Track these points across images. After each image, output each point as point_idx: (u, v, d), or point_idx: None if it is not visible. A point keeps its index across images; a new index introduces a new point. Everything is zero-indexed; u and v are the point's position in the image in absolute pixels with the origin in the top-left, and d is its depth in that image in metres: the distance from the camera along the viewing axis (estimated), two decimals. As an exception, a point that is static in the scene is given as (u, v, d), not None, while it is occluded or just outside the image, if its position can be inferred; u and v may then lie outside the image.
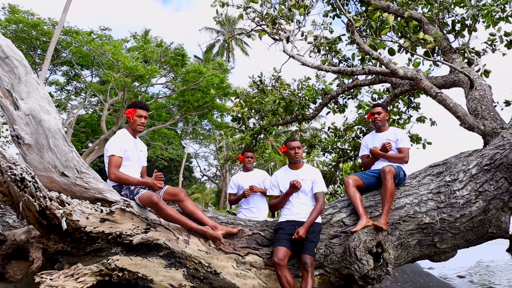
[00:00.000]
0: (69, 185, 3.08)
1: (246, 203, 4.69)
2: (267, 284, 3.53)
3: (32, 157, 2.91)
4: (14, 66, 2.89)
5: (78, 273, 2.91)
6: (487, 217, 3.78)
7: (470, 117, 4.68)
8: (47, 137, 2.92)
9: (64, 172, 3.03)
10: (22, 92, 2.87)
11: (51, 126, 2.94)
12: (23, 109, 2.84)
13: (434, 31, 6.84)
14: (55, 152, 2.97)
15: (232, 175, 38.24)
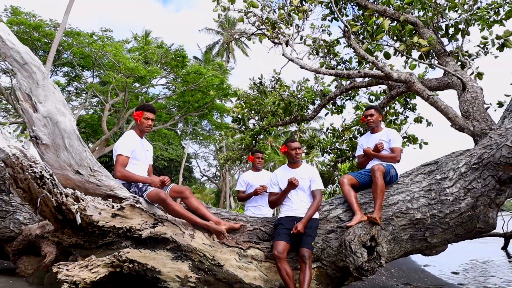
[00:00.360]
0: (83, 183, 3.30)
1: (254, 201, 4.91)
2: (268, 276, 3.75)
3: (49, 156, 3.13)
4: (33, 72, 3.11)
5: (92, 264, 3.13)
6: (475, 213, 4.00)
7: (460, 119, 4.91)
8: (63, 138, 3.14)
9: (78, 170, 3.25)
10: (40, 95, 3.09)
11: (67, 127, 3.16)
12: (41, 112, 3.06)
13: (429, 34, 7.07)
14: (70, 151, 3.19)
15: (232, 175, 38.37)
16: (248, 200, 5.03)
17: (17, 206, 5.42)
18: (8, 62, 3.14)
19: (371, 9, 7.84)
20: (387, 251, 3.83)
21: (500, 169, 3.86)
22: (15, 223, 5.29)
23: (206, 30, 45.21)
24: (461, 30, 7.00)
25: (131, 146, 3.78)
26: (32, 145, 3.05)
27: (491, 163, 3.93)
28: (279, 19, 6.77)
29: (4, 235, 5.31)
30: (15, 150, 2.70)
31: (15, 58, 3.10)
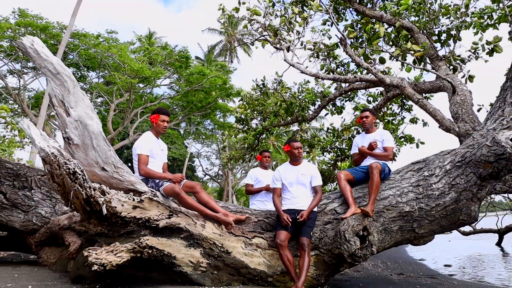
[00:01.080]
0: (108, 178, 3.74)
1: (260, 196, 5.33)
2: (271, 262, 4.18)
3: (79, 155, 3.56)
4: (64, 81, 3.54)
5: (117, 249, 3.55)
6: (459, 206, 4.42)
7: (447, 120, 5.32)
8: (91, 139, 3.58)
9: (104, 167, 3.68)
10: (71, 101, 3.52)
11: (94, 130, 3.60)
12: (73, 116, 3.49)
13: (423, 39, 7.48)
14: (97, 150, 3.62)
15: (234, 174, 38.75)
16: (255, 195, 5.45)
17: (39, 201, 5.88)
18: (43, 72, 3.57)
19: (367, 18, 8.27)
20: (378, 240, 4.26)
21: (481, 167, 4.27)
22: (37, 216, 5.75)
23: (209, 30, 45.60)
24: (453, 36, 7.40)
25: (149, 145, 4.21)
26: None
27: (472, 161, 4.35)
28: (281, 26, 7.18)
29: (28, 228, 5.78)
30: (53, 149, 3.13)
31: (49, 69, 3.54)
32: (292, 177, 4.49)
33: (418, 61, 7.49)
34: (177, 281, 4.00)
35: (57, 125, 25.83)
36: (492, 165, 4.17)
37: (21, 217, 5.76)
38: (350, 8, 9.11)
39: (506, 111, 4.78)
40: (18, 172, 5.92)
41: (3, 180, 5.84)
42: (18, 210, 5.79)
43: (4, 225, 5.90)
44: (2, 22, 19.70)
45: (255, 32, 7.50)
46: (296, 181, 4.45)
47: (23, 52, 3.57)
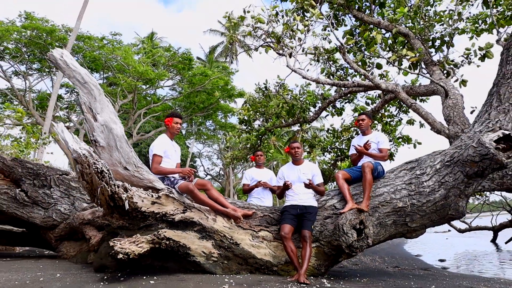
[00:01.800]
0: (129, 177, 4.14)
1: (257, 194, 5.72)
2: (275, 253, 4.59)
3: (104, 155, 3.97)
4: (91, 89, 3.96)
5: (138, 240, 3.96)
6: (447, 202, 4.82)
7: (438, 123, 5.73)
8: (115, 141, 3.99)
9: (126, 166, 4.09)
10: (97, 108, 3.93)
11: (118, 133, 4.01)
12: (99, 121, 3.90)
13: (419, 45, 7.88)
14: (121, 152, 4.03)
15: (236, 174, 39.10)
16: (251, 193, 5.82)
17: (58, 199, 6.30)
18: (72, 81, 3.97)
19: (367, 21, 8.67)
20: (373, 233, 4.67)
21: (467, 166, 4.67)
22: (57, 213, 6.16)
23: (210, 31, 46.01)
24: (446, 42, 7.80)
25: (164, 147, 4.62)
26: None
27: (460, 161, 4.75)
28: (283, 33, 7.59)
29: (48, 223, 6.20)
30: (85, 151, 3.54)
31: (77, 78, 3.95)
32: (293, 175, 4.91)
33: (414, 66, 7.91)
34: (191, 270, 4.40)
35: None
36: (477, 164, 4.57)
37: (41, 213, 6.17)
38: (349, 14, 9.52)
39: (492, 114, 5.19)
40: (38, 171, 6.33)
41: (24, 179, 6.25)
42: (39, 207, 6.21)
43: (25, 221, 6.32)
44: (9, 25, 20.12)
45: (259, 38, 7.90)
46: (297, 180, 4.87)
47: (53, 63, 3.98)
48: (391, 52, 8.39)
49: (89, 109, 3.87)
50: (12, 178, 6.30)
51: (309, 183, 4.59)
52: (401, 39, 8.42)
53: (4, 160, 6.26)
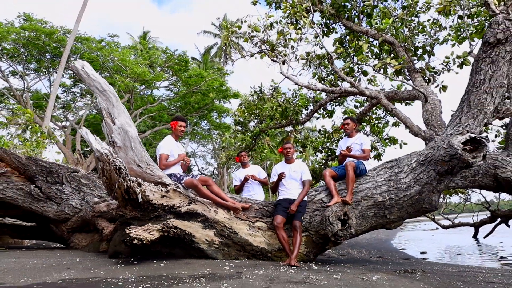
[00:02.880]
0: (142, 173, 4.71)
1: (247, 191, 6.27)
2: (270, 241, 5.19)
3: (121, 154, 4.53)
4: (109, 96, 4.52)
5: (150, 229, 4.53)
6: (422, 197, 5.45)
7: (415, 127, 6.37)
8: (130, 142, 4.55)
9: (139, 164, 4.66)
10: (115, 113, 4.49)
11: (133, 135, 4.58)
12: (117, 124, 4.47)
13: (403, 53, 8.53)
14: (135, 151, 4.60)
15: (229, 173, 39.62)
16: (243, 191, 6.35)
17: (69, 194, 6.85)
18: (92, 89, 4.53)
19: (355, 30, 9.31)
20: (356, 224, 5.28)
21: (439, 165, 5.30)
22: (69, 207, 6.71)
23: (204, 32, 46.51)
24: (428, 51, 8.46)
25: (169, 147, 5.21)
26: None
27: (433, 160, 5.38)
28: (277, 42, 8.19)
29: (60, 217, 6.75)
30: (106, 151, 4.11)
31: (97, 87, 4.51)
32: (285, 173, 5.52)
33: (397, 73, 8.56)
34: (195, 256, 4.98)
35: (58, 125, 26.65)
36: (447, 163, 5.20)
37: (54, 207, 6.72)
38: (339, 23, 10.15)
39: (462, 119, 5.83)
40: (51, 169, 6.87)
41: (38, 176, 6.80)
42: (52, 202, 6.75)
43: (39, 214, 6.86)
44: (8, 26, 20.49)
45: (254, 45, 8.49)
46: (289, 176, 5.49)
47: (76, 73, 4.54)
48: (377, 60, 9.03)
49: (108, 114, 4.44)
50: (27, 175, 6.84)
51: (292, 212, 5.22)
52: (386, 48, 9.06)
53: (20, 158, 6.80)
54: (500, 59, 5.73)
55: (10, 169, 6.83)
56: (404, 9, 8.94)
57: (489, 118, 5.92)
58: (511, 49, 5.73)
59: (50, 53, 22.68)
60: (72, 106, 28.23)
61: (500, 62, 5.75)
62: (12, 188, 6.65)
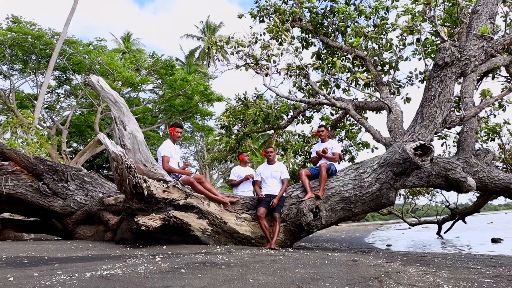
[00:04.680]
0: (147, 171, 5.59)
1: (243, 188, 7.23)
2: (253, 230, 6.14)
3: (130, 156, 5.40)
4: (120, 107, 5.39)
5: (154, 218, 5.40)
6: (381, 193, 6.50)
7: (377, 134, 7.44)
8: (138, 145, 5.43)
9: (145, 164, 5.54)
10: (125, 121, 5.36)
11: (140, 139, 5.45)
12: (127, 130, 5.34)
13: (372, 68, 9.64)
14: (142, 153, 5.48)
15: (211, 175, 40.31)
16: (238, 187, 7.31)
17: (74, 191, 7.63)
18: (106, 101, 5.39)
19: (331, 45, 10.38)
20: (326, 216, 6.29)
21: (395, 166, 6.36)
22: (74, 202, 7.49)
23: (187, 36, 47.24)
24: (393, 67, 9.60)
25: (169, 149, 6.11)
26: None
27: (390, 163, 6.44)
28: (261, 56, 9.18)
29: (66, 211, 7.52)
30: (120, 152, 4.97)
31: (110, 99, 5.37)
32: (267, 173, 6.50)
33: (367, 85, 9.67)
34: (190, 242, 5.88)
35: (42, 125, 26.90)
36: (401, 165, 6.26)
37: (60, 202, 7.49)
38: (317, 38, 11.21)
39: (416, 128, 6.93)
40: (56, 168, 7.64)
41: (45, 175, 7.56)
42: (58, 198, 7.52)
43: (43, 209, 7.61)
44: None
45: (240, 59, 9.45)
46: (270, 176, 6.46)
47: (92, 87, 5.39)
48: (349, 73, 10.12)
49: (120, 121, 5.31)
50: (35, 173, 7.59)
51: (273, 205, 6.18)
52: (358, 63, 10.17)
53: (29, 158, 7.55)
54: (447, 78, 6.85)
55: (19, 167, 7.56)
56: (375, 27, 10.07)
57: (438, 128, 7.04)
58: (456, 71, 6.86)
59: (37, 54, 23.03)
60: (57, 107, 28.58)
61: (448, 81, 6.87)
62: (22, 185, 7.39)
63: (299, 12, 10.47)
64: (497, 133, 10.90)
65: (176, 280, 2.36)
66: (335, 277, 2.47)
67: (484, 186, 8.28)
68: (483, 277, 2.56)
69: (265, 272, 2.69)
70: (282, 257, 4.21)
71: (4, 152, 7.54)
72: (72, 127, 29.78)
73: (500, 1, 7.50)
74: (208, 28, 48.57)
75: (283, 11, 10.75)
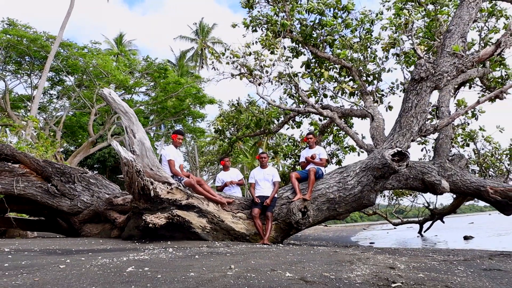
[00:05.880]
0: (153, 175, 6.23)
1: (228, 190, 7.88)
2: (248, 228, 6.81)
3: (138, 161, 6.03)
4: (130, 117, 6.02)
5: (159, 216, 6.03)
6: (363, 195, 7.23)
7: (360, 141, 8.18)
8: (146, 151, 6.06)
9: (152, 168, 6.18)
10: (134, 129, 5.99)
11: (148, 146, 6.09)
12: (137, 138, 5.97)
13: (357, 78, 10.39)
14: (149, 158, 6.11)
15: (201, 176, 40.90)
16: (224, 191, 7.91)
17: (81, 192, 8.22)
18: (117, 111, 6.01)
19: (319, 56, 11.11)
20: (313, 215, 7.00)
21: (375, 171, 7.09)
22: (81, 202, 8.08)
23: (181, 38, 47.73)
24: (376, 78, 10.36)
25: (174, 154, 6.76)
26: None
27: (371, 167, 7.17)
28: (254, 67, 9.86)
29: (73, 210, 8.10)
30: (131, 158, 5.60)
31: (121, 110, 6.00)
32: (260, 176, 7.19)
33: (351, 94, 10.42)
34: (191, 238, 6.53)
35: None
36: (380, 170, 7.00)
37: (68, 202, 8.06)
38: (307, 48, 11.94)
39: (395, 137, 7.69)
40: (64, 170, 8.22)
41: (54, 177, 8.13)
42: (66, 198, 8.09)
43: (55, 208, 8.17)
44: (-9, 30, 21.12)
45: (235, 68, 10.12)
46: (263, 179, 7.15)
47: (104, 98, 6.01)
48: (336, 83, 10.87)
49: (130, 130, 5.95)
50: (44, 175, 8.15)
51: (267, 204, 6.86)
52: (344, 73, 10.92)
53: (38, 161, 8.12)
54: (423, 91, 7.61)
55: (28, 170, 8.12)
56: (361, 39, 10.84)
57: (415, 136, 7.80)
58: (431, 85, 7.62)
59: (31, 56, 23.34)
60: (49, 108, 28.89)
61: (423, 94, 7.63)
62: (32, 186, 7.95)
63: (290, 24, 11.19)
64: (472, 138, 11.76)
65: (195, 261, 3.01)
66: (317, 260, 3.15)
67: (457, 188, 9.07)
68: (432, 261, 3.26)
69: (262, 258, 3.37)
70: (274, 249, 4.89)
71: (15, 156, 8.09)
72: (64, 128, 30.05)
73: (472, 22, 8.30)
74: (201, 30, 49.14)
75: (274, 22, 11.46)
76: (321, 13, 10.90)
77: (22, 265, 2.86)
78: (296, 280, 2.23)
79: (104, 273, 2.36)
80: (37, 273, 2.39)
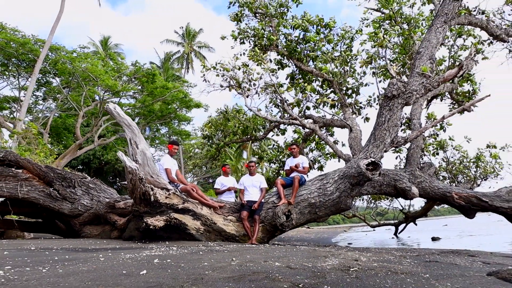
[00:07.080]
0: (153, 181, 6.91)
1: (226, 195, 8.63)
2: (237, 229, 7.56)
3: (141, 169, 6.71)
4: (133, 129, 6.70)
5: (158, 219, 6.72)
6: (340, 200, 8.06)
7: (339, 151, 9.03)
8: (147, 160, 6.75)
9: (152, 175, 6.86)
10: (137, 141, 6.67)
11: (149, 156, 6.77)
12: (139, 148, 6.65)
13: (337, 91, 11.25)
14: (149, 166, 6.80)
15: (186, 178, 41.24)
16: (222, 194, 8.71)
17: (81, 196, 8.82)
18: (121, 124, 6.67)
19: (303, 69, 11.95)
20: (296, 218, 7.79)
21: (351, 178, 7.93)
22: (81, 205, 8.68)
23: (167, 41, 48.13)
24: (355, 91, 11.26)
25: (170, 163, 7.46)
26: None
27: (348, 175, 8.02)
28: (243, 80, 10.64)
29: (74, 213, 8.70)
30: (135, 167, 6.28)
31: (125, 123, 6.67)
32: (249, 182, 7.95)
33: (332, 106, 11.29)
34: (186, 239, 7.23)
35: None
36: (356, 178, 7.85)
37: (69, 206, 8.65)
38: (291, 61, 12.78)
39: (369, 148, 8.56)
40: (65, 176, 8.80)
41: (55, 181, 8.71)
42: (67, 202, 8.68)
43: (56, 211, 8.74)
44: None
45: (224, 81, 10.87)
46: (251, 185, 7.91)
47: (109, 113, 6.67)
48: (319, 95, 11.73)
49: (134, 142, 6.63)
50: (46, 180, 8.72)
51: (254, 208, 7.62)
52: (326, 86, 11.80)
53: (40, 167, 8.68)
54: (394, 107, 8.50)
55: (31, 175, 8.67)
56: (341, 53, 11.74)
57: (387, 147, 8.69)
58: (402, 101, 8.53)
59: (19, 59, 23.53)
60: (34, 110, 28.99)
61: (395, 110, 8.53)
62: (35, 190, 8.51)
63: (276, 39, 12.00)
64: (442, 147, 12.80)
65: (202, 256, 3.73)
66: (299, 256, 3.92)
67: (426, 194, 10.02)
68: (390, 256, 4.07)
69: (255, 253, 4.12)
70: (263, 247, 5.65)
71: (18, 162, 8.63)
72: (52, 130, 30.15)
73: (439, 45, 9.27)
74: (187, 34, 49.62)
75: (261, 35, 12.25)
76: (305, 29, 11.76)
77: (69, 259, 3.52)
78: (284, 267, 2.99)
79: (139, 263, 3.06)
80: (88, 263, 3.08)
